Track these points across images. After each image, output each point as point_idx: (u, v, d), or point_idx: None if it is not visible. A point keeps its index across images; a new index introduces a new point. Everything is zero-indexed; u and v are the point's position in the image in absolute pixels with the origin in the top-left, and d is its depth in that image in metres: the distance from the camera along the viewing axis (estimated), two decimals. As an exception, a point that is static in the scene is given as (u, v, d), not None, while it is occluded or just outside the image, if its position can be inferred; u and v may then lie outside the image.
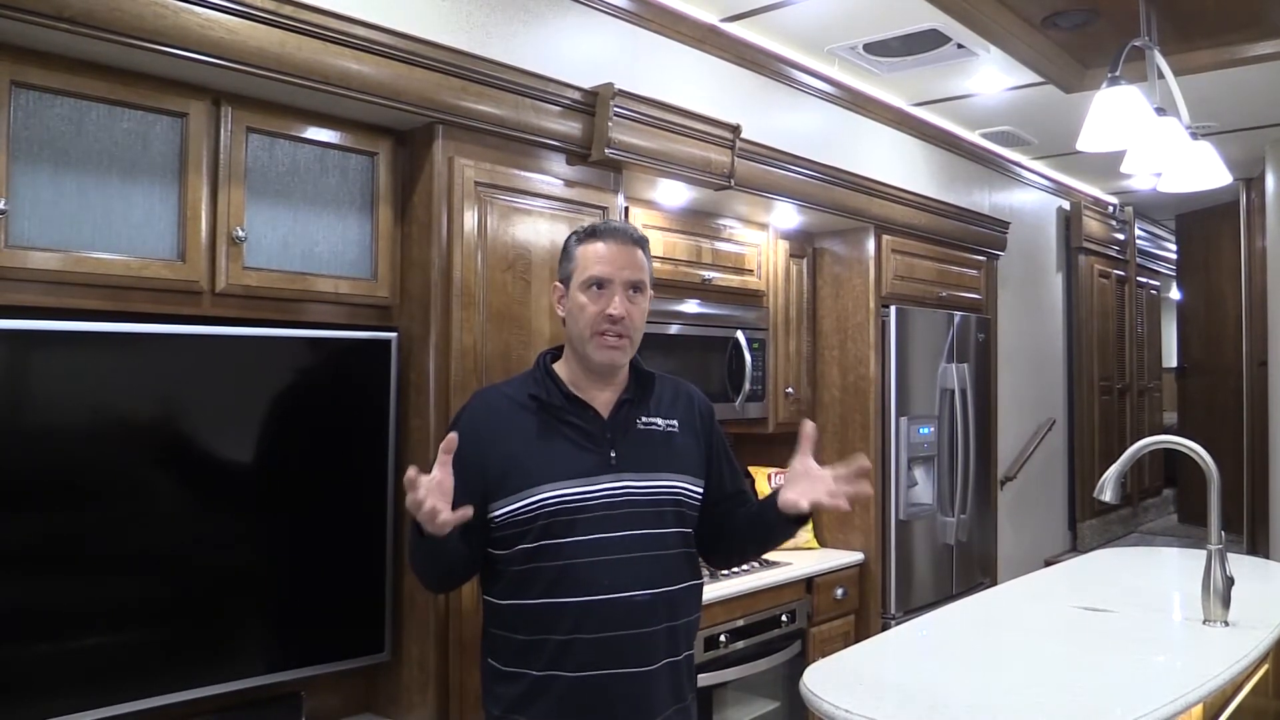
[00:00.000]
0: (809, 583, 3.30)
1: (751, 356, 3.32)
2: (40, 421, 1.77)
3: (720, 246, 3.26)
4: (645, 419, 1.79)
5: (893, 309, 3.69)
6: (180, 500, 1.95)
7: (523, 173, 2.38)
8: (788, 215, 3.43)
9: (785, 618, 3.16)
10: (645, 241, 1.82)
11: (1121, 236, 6.42)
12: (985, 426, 4.28)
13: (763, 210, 3.33)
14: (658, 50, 3.10)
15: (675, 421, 1.81)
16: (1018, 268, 5.21)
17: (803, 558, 3.42)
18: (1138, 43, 2.87)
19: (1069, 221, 5.89)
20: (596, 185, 2.57)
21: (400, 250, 2.30)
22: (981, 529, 4.24)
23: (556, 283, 1.82)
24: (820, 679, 1.90)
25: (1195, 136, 2.97)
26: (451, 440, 1.59)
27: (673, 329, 3.08)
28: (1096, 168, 5.48)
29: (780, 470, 3.56)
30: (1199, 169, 2.97)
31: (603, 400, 1.77)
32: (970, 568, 4.14)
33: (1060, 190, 5.83)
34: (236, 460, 2.04)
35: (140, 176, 1.90)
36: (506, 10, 2.61)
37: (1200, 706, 1.86)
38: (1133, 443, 2.65)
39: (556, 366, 1.81)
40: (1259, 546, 5.20)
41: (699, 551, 1.93)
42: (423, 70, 2.14)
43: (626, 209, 2.88)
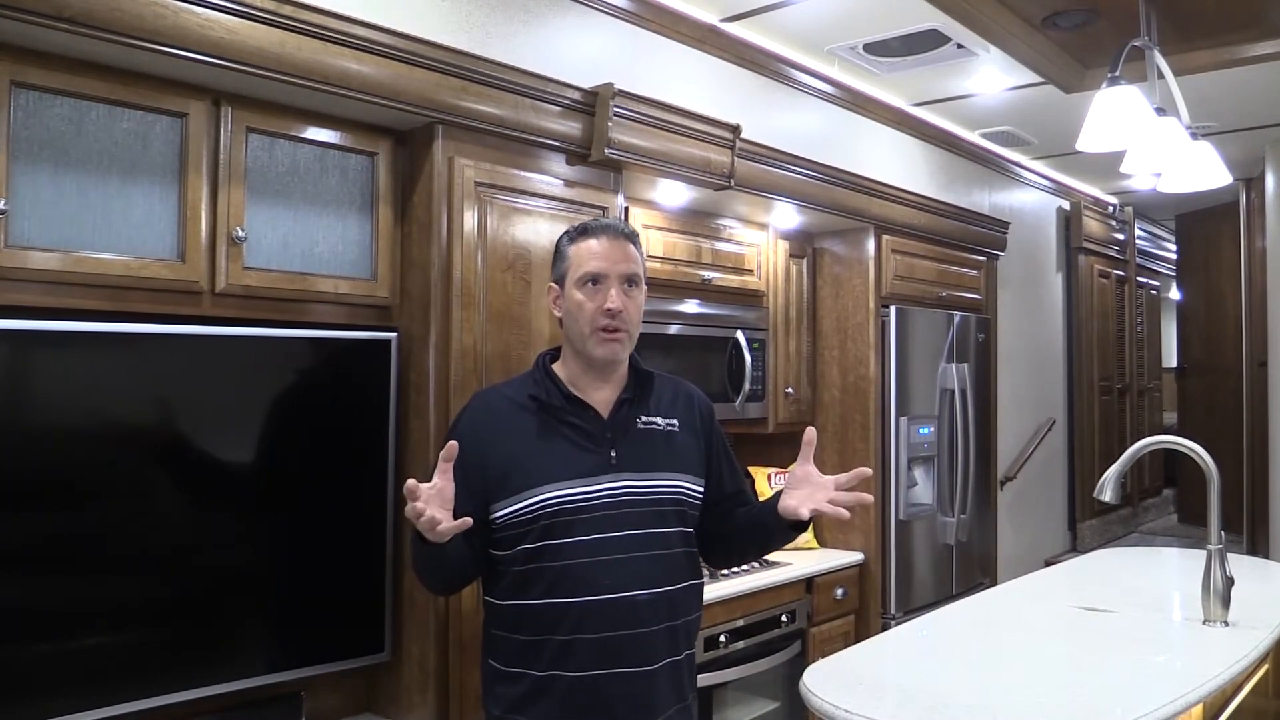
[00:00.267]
0: (809, 583, 3.30)
1: (751, 356, 3.32)
2: (40, 421, 1.77)
3: (720, 246, 3.26)
4: (645, 418, 1.79)
5: (893, 309, 3.69)
6: (180, 500, 1.95)
7: (523, 173, 2.38)
8: (788, 215, 3.43)
9: (785, 618, 3.16)
10: (636, 236, 1.82)
11: (1121, 236, 6.42)
12: (985, 426, 4.28)
13: (763, 210, 3.33)
14: (658, 50, 3.10)
15: (675, 421, 1.81)
16: (1018, 268, 5.21)
17: (803, 558, 3.42)
18: (1138, 43, 2.87)
19: (1069, 221, 5.89)
20: (596, 185, 2.57)
21: (400, 250, 2.30)
22: (981, 529, 4.24)
23: (551, 284, 1.83)
24: (820, 679, 1.90)
25: (1195, 136, 2.97)
26: (451, 448, 1.59)
27: (673, 329, 3.08)
28: (1096, 168, 5.48)
29: (780, 470, 3.56)
30: (1199, 169, 2.97)
31: (602, 400, 1.77)
32: (970, 568, 4.14)
33: (1060, 190, 5.83)
34: (236, 460, 2.04)
35: (140, 176, 1.90)
36: (506, 10, 2.61)
37: (1200, 706, 1.86)
38: (1133, 443, 2.65)
39: (555, 367, 1.81)
40: (1259, 546, 5.20)
41: (703, 552, 1.93)
42: (423, 70, 2.14)
43: (626, 209, 2.88)
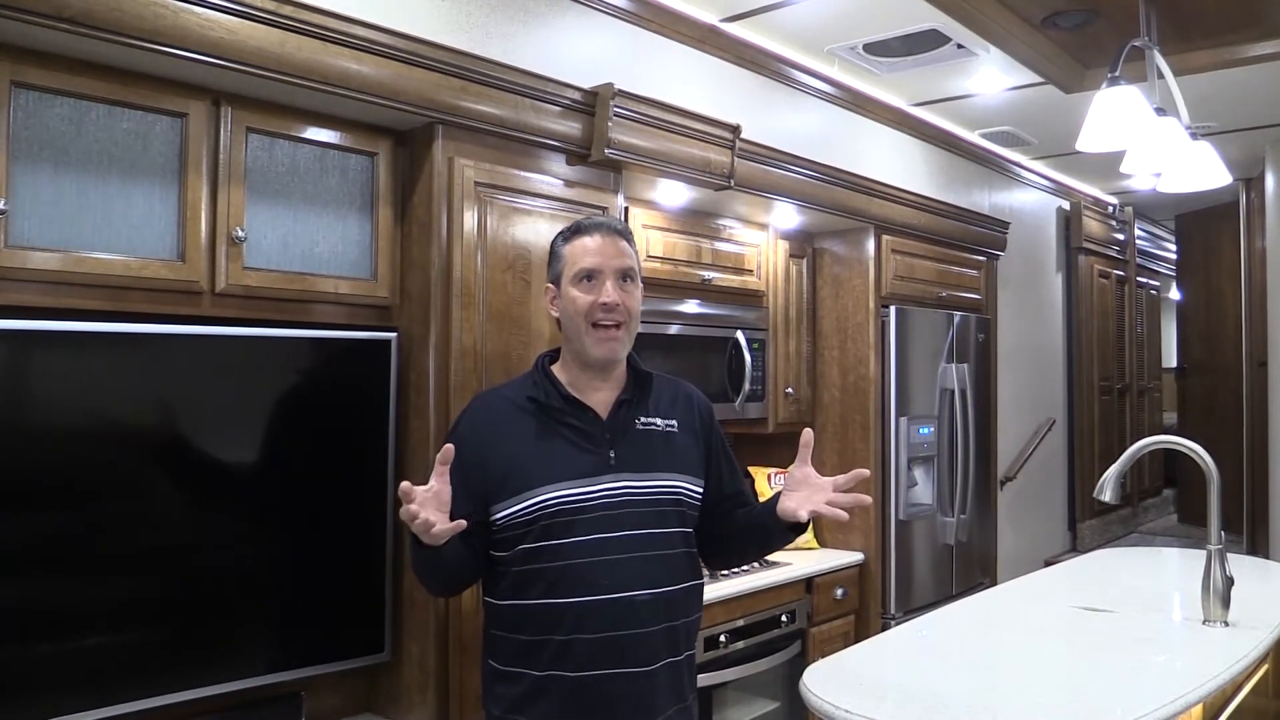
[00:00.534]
0: (809, 583, 3.30)
1: (751, 356, 3.32)
2: (40, 421, 1.77)
3: (720, 246, 3.26)
4: (644, 419, 1.79)
5: (893, 309, 3.69)
6: (180, 500, 1.95)
7: (523, 173, 2.38)
8: (788, 215, 3.43)
9: (785, 618, 3.16)
10: (630, 233, 1.83)
11: (1121, 236, 6.42)
12: (985, 426, 4.28)
13: (763, 210, 3.33)
14: (658, 50, 3.10)
15: (674, 422, 1.81)
16: (1018, 268, 5.21)
17: (803, 558, 3.42)
18: (1138, 43, 2.87)
19: (1069, 221, 5.89)
20: (596, 185, 2.57)
21: (400, 250, 2.30)
22: (981, 529, 4.24)
23: (548, 284, 1.83)
24: (820, 679, 1.90)
25: (1195, 136, 2.97)
26: (448, 451, 1.59)
27: (673, 329, 3.08)
28: (1096, 168, 5.48)
29: (780, 471, 3.56)
30: (1199, 169, 2.97)
31: (601, 401, 1.77)
32: (970, 568, 4.14)
33: (1060, 190, 5.83)
34: (236, 460, 2.03)
35: (140, 176, 1.90)
36: (506, 10, 2.61)
37: (1200, 706, 1.86)
38: (1133, 443, 2.65)
39: (555, 369, 1.81)
40: (1259, 546, 5.20)
41: (700, 552, 1.93)
42: (422, 70, 2.14)
43: (626, 209, 2.88)
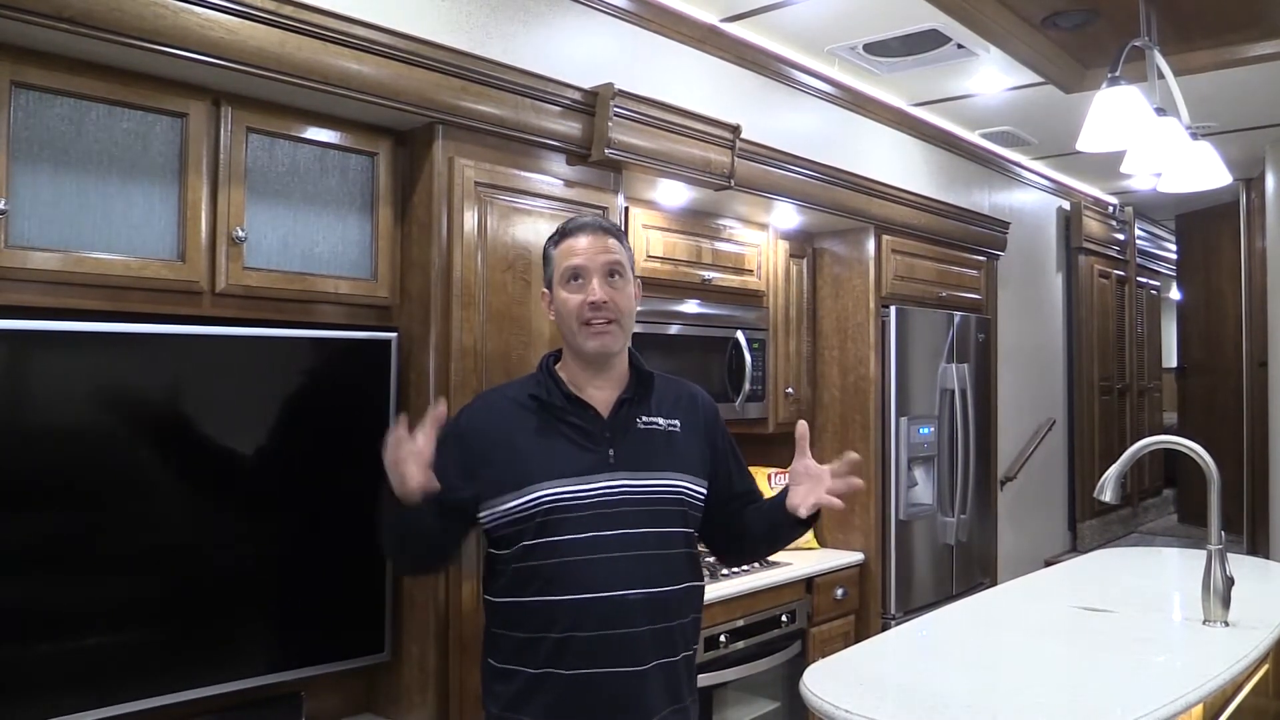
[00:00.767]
0: (809, 583, 3.30)
1: (751, 356, 3.32)
2: (40, 421, 1.77)
3: (720, 246, 3.26)
4: (646, 418, 1.79)
5: (893, 309, 3.69)
6: (180, 500, 1.95)
7: (523, 173, 2.38)
8: (788, 215, 3.43)
9: (785, 618, 3.16)
10: (617, 230, 1.84)
11: (1121, 236, 6.42)
12: (985, 426, 4.28)
13: (763, 210, 3.33)
14: (658, 50, 3.10)
15: (677, 421, 1.82)
16: (1018, 268, 5.21)
17: (803, 558, 3.42)
18: (1138, 43, 2.87)
19: (1069, 221, 5.89)
20: (596, 185, 2.57)
21: (400, 250, 2.29)
22: (981, 529, 4.24)
23: (543, 289, 1.84)
24: (820, 679, 1.90)
25: (1195, 136, 2.97)
26: (440, 413, 1.60)
27: (673, 329, 3.08)
28: (1096, 168, 5.48)
29: (781, 470, 3.56)
30: (1199, 169, 2.97)
31: (603, 400, 1.78)
32: (970, 568, 4.14)
33: (1060, 190, 5.83)
34: (236, 460, 2.03)
35: (140, 176, 1.90)
36: (506, 10, 2.61)
37: (1200, 706, 1.86)
38: (1133, 443, 2.65)
39: (558, 368, 1.82)
40: (1259, 546, 5.20)
41: (711, 551, 1.94)
42: (422, 70, 2.14)
43: (626, 209, 2.88)
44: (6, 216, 1.71)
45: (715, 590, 2.84)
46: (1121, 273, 6.43)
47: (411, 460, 1.56)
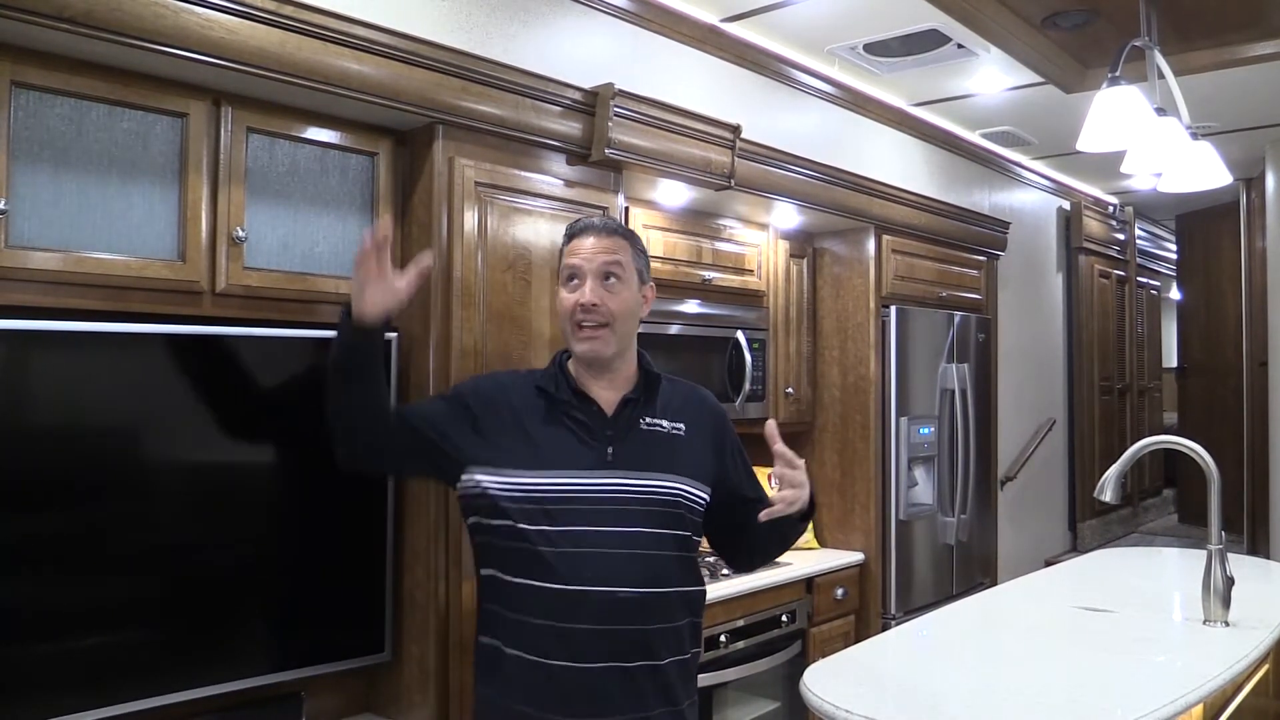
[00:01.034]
0: (809, 583, 3.30)
1: (751, 356, 3.32)
2: (40, 421, 1.77)
3: (720, 246, 3.26)
4: (649, 419, 1.79)
5: (893, 309, 3.69)
6: (180, 500, 1.95)
7: (523, 173, 2.38)
8: (788, 215, 3.43)
9: (785, 618, 3.16)
10: (623, 231, 1.82)
11: (1121, 236, 6.42)
12: (985, 426, 4.28)
13: (763, 210, 3.33)
14: (658, 50, 3.10)
15: (681, 425, 1.81)
16: (1018, 268, 5.21)
17: (803, 558, 3.42)
18: (1138, 43, 2.87)
19: (1069, 221, 5.89)
20: (596, 185, 2.57)
21: (400, 250, 2.29)
22: (981, 529, 4.24)
23: (558, 287, 1.84)
24: (820, 679, 1.90)
25: (1195, 136, 2.97)
26: (384, 232, 1.64)
27: (673, 329, 3.08)
28: (1096, 168, 5.48)
29: (780, 470, 3.56)
30: (1199, 169, 2.97)
31: (608, 399, 1.78)
32: (970, 568, 4.14)
33: (1060, 190, 5.83)
34: (236, 460, 2.03)
35: (140, 176, 1.90)
36: (506, 10, 2.61)
37: (1200, 706, 1.86)
38: (1133, 443, 2.65)
39: (570, 364, 1.83)
40: (1259, 546, 5.20)
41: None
42: (423, 70, 2.14)
43: (626, 209, 2.88)
44: (7, 216, 1.71)
45: (715, 590, 2.83)
46: (1122, 273, 6.43)
47: (371, 279, 1.62)
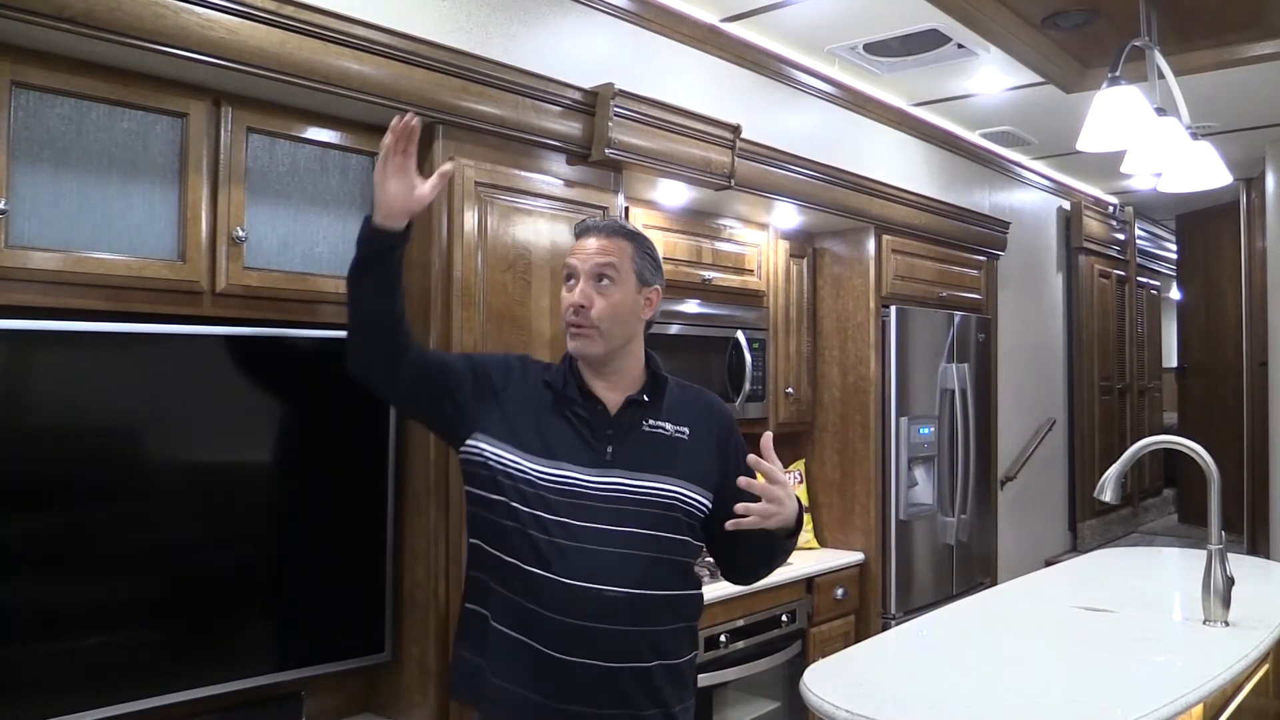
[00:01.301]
0: (809, 583, 3.30)
1: (752, 356, 3.32)
2: (40, 421, 1.77)
3: (720, 246, 3.26)
4: (653, 421, 1.79)
5: (893, 309, 3.69)
6: (180, 500, 1.94)
7: (523, 173, 2.38)
8: (788, 215, 3.43)
9: (785, 618, 3.16)
10: (627, 232, 1.82)
11: (1121, 236, 6.42)
12: (985, 426, 4.28)
13: (763, 210, 3.33)
14: (658, 50, 3.10)
15: (686, 429, 1.81)
16: (1018, 268, 5.21)
17: (803, 558, 3.42)
18: (1138, 43, 2.87)
19: (1069, 221, 5.89)
20: (596, 185, 2.57)
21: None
22: (981, 529, 4.24)
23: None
24: (820, 679, 1.90)
25: (1195, 136, 2.97)
26: (414, 123, 1.68)
27: (673, 329, 3.08)
28: (1096, 168, 5.48)
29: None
30: (1199, 169, 2.97)
31: (612, 399, 1.79)
32: (970, 568, 4.14)
33: (1060, 190, 5.83)
34: (237, 460, 2.03)
35: (140, 177, 1.90)
36: (506, 10, 2.61)
37: (1200, 706, 1.86)
38: (1133, 443, 2.65)
39: (580, 362, 1.83)
40: (1259, 546, 5.20)
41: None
42: (423, 70, 2.14)
43: (627, 209, 2.88)
44: (7, 216, 1.71)
45: (715, 590, 2.83)
46: (1122, 273, 6.43)
47: (394, 173, 1.66)
